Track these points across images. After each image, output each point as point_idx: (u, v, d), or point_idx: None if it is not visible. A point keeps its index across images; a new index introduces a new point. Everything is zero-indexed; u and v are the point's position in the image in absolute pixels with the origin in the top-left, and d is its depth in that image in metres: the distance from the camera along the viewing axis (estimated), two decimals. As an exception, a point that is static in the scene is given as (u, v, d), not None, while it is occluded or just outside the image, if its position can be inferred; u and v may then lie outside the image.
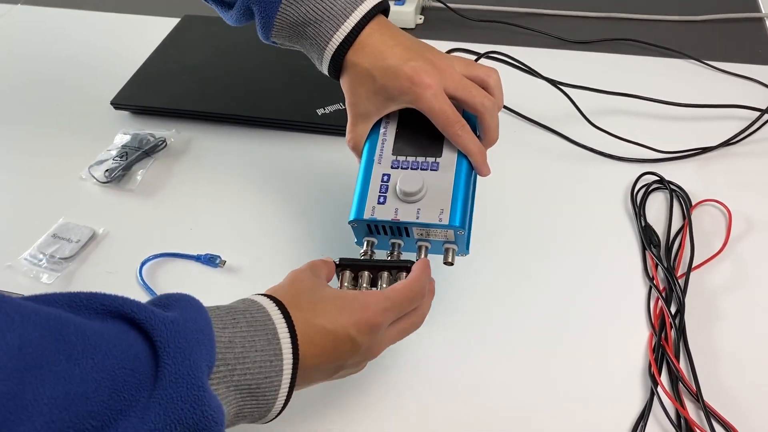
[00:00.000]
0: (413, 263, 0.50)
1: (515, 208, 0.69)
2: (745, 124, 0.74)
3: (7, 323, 0.30)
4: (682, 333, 0.57)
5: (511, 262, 0.64)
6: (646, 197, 0.68)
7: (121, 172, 0.75)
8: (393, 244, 0.54)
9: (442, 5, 0.98)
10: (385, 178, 0.53)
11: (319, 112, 0.78)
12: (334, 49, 0.54)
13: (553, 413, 0.53)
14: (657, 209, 0.68)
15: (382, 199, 0.53)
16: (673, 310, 0.59)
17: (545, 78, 0.75)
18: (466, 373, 0.56)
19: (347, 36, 0.53)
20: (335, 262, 0.51)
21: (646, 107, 0.78)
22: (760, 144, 0.74)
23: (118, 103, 0.83)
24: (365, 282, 0.51)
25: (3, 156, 0.81)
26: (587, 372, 0.56)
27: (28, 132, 0.83)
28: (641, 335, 0.58)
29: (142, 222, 0.71)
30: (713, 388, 0.53)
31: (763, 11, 0.95)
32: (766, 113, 0.75)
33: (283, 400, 0.42)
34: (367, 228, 0.53)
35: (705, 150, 0.73)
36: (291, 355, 0.41)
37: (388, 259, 0.53)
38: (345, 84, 0.55)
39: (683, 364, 0.55)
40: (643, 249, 0.64)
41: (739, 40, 0.91)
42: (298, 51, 0.58)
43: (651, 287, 0.61)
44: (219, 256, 0.65)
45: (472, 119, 0.54)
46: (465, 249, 0.54)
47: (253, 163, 0.77)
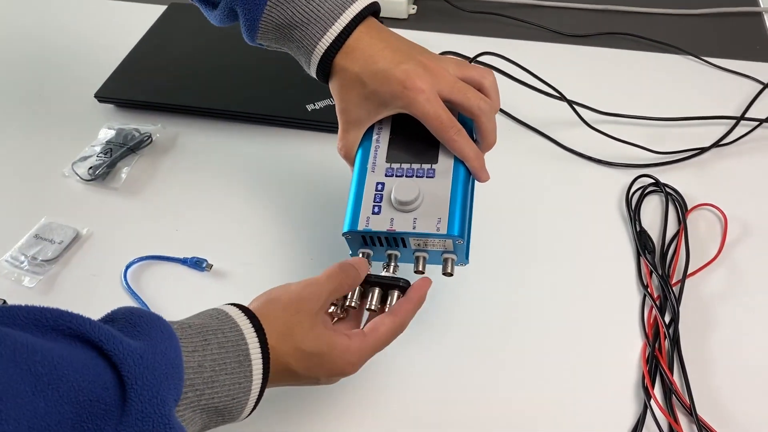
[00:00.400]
0: (409, 285, 0.49)
1: (506, 213, 0.67)
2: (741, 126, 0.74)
3: None
4: (676, 343, 0.56)
5: (503, 269, 0.63)
6: (641, 201, 0.67)
7: (106, 169, 0.72)
8: (389, 255, 0.52)
9: (435, -5, 0.96)
10: (380, 186, 0.52)
11: (309, 107, 0.76)
12: (321, 54, 0.52)
13: (546, 427, 0.53)
14: (652, 213, 0.67)
15: (376, 209, 0.51)
16: (668, 319, 0.58)
17: (543, 80, 0.74)
18: (457, 382, 0.55)
19: (335, 40, 0.51)
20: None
21: (641, 111, 0.76)
22: (750, 144, 0.73)
23: (102, 96, 0.80)
24: (375, 301, 0.49)
25: (-18, 151, 0.78)
26: (581, 384, 0.55)
27: (7, 126, 0.81)
28: (635, 345, 0.57)
29: (126, 222, 0.69)
30: (707, 401, 0.53)
31: (762, 5, 0.94)
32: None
33: (249, 411, 0.43)
34: (362, 239, 0.51)
35: (701, 151, 0.72)
36: (261, 377, 0.42)
37: (382, 275, 0.51)
38: (334, 89, 0.53)
39: (677, 376, 0.55)
40: (638, 255, 0.63)
41: (737, 34, 0.90)
42: None
43: (645, 295, 0.60)
44: (206, 260, 0.63)
45: (468, 123, 0.52)
46: (464, 258, 0.52)
47: (242, 160, 0.75)
